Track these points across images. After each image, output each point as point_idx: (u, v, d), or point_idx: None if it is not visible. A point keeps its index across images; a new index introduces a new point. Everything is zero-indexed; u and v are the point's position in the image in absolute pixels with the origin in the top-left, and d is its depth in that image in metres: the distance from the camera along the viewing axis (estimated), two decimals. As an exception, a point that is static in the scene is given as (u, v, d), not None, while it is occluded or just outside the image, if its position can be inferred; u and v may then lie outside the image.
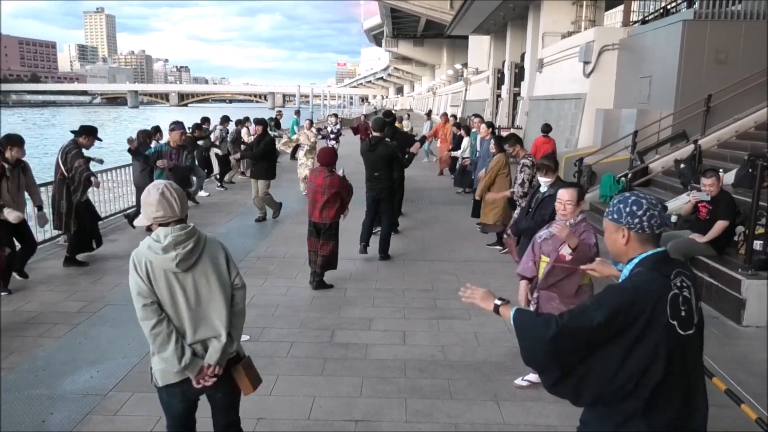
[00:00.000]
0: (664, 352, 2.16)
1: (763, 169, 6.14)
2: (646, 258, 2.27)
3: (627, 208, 2.28)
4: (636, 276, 2.25)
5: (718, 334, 5.79)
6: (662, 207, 4.43)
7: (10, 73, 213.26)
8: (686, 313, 2.20)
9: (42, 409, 4.17)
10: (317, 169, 6.98)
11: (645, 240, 2.28)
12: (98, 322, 5.84)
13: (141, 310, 2.83)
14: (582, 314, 2.22)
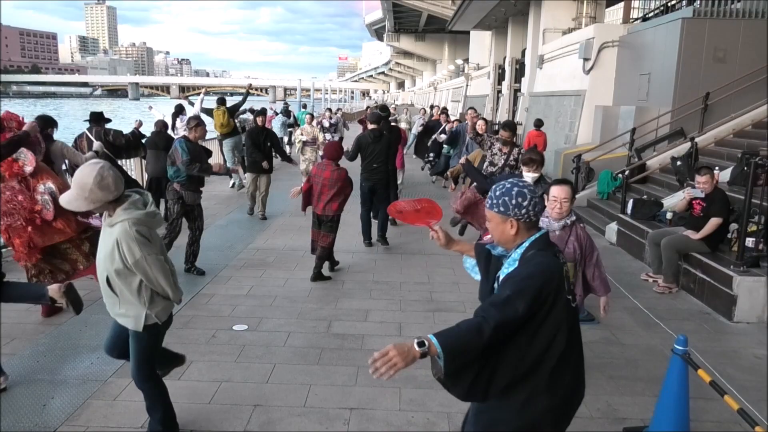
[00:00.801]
0: (565, 326, 2.27)
1: (756, 167, 6.22)
2: (536, 240, 2.36)
3: (513, 200, 2.34)
4: (535, 258, 2.32)
5: (709, 329, 5.88)
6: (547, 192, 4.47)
7: (10, 64, 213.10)
8: (569, 289, 2.34)
9: (43, 394, 4.27)
10: (324, 163, 7.09)
11: (531, 226, 2.38)
12: (99, 309, 5.89)
13: (163, 265, 3.35)
14: (506, 305, 2.18)
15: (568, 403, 2.43)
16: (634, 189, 10.37)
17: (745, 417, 3.07)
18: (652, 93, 13.25)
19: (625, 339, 5.56)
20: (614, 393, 4.51)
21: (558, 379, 2.31)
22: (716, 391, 3.32)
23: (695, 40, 12.16)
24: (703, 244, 6.71)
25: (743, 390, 4.48)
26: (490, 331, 2.11)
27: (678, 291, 6.97)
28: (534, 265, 2.29)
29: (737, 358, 5.23)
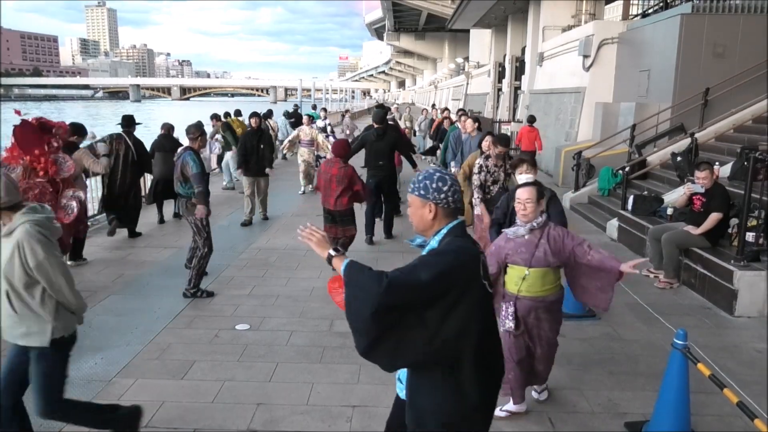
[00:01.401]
0: (480, 312, 2.30)
1: (755, 161, 6.23)
2: (453, 228, 2.39)
3: (433, 184, 2.36)
4: (452, 243, 2.35)
5: (710, 324, 5.90)
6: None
7: (12, 67, 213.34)
8: (484, 274, 2.37)
9: (48, 395, 4.28)
10: (332, 160, 7.33)
11: (450, 213, 2.40)
12: (102, 311, 5.96)
13: (65, 269, 3.24)
14: (410, 273, 2.23)
15: (491, 398, 2.46)
16: (635, 185, 10.38)
17: (745, 410, 3.10)
18: (652, 89, 13.25)
19: (625, 334, 5.58)
20: (615, 388, 4.53)
21: (484, 367, 2.34)
22: (716, 384, 3.34)
23: (694, 36, 12.16)
24: (704, 239, 6.72)
25: (744, 384, 4.50)
26: (385, 284, 2.16)
27: (679, 286, 6.98)
28: (450, 247, 2.33)
29: (738, 352, 5.25)
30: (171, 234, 9.22)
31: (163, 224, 9.88)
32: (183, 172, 6.26)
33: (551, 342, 4.14)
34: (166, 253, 8.09)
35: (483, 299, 2.33)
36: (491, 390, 2.44)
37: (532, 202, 3.86)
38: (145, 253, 8.10)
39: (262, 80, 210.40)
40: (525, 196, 3.88)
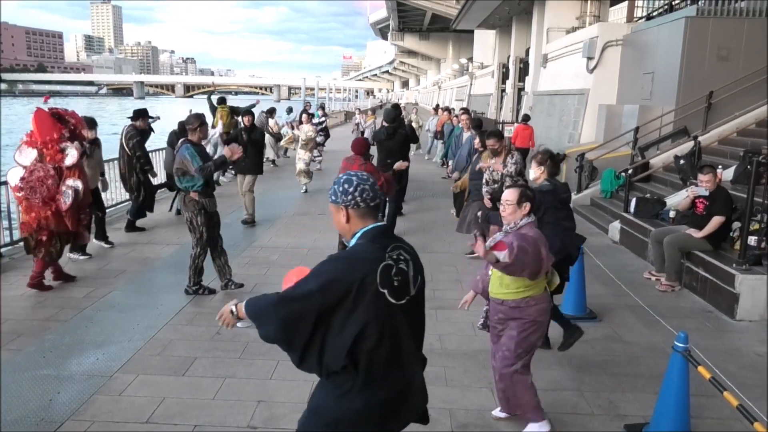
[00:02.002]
0: (376, 321, 2.27)
1: (758, 165, 6.22)
2: (366, 231, 2.39)
3: (340, 188, 2.39)
4: (352, 247, 2.40)
5: (711, 327, 5.90)
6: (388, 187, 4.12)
7: (16, 62, 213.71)
8: (399, 284, 2.34)
9: (49, 389, 4.31)
10: (352, 158, 7.48)
11: (363, 215, 2.40)
12: (104, 307, 5.97)
13: None
14: (300, 284, 2.32)
15: (390, 406, 2.40)
16: (638, 188, 10.37)
17: (745, 413, 3.10)
18: (656, 92, 13.24)
19: (626, 336, 5.58)
20: (615, 390, 4.53)
21: (375, 380, 2.33)
22: (716, 387, 3.34)
23: (699, 39, 12.15)
24: (706, 242, 6.72)
25: (744, 387, 4.48)
26: (277, 298, 2.33)
27: (680, 289, 6.98)
28: (345, 252, 2.40)
29: (739, 355, 5.24)
30: (174, 231, 9.23)
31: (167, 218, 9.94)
32: (183, 168, 6.04)
33: (504, 358, 3.83)
34: (169, 250, 8.11)
35: (379, 308, 2.28)
36: (381, 399, 2.37)
37: (512, 204, 3.73)
38: (148, 249, 8.12)
39: (265, 79, 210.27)
40: (505, 197, 3.81)
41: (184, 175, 6.05)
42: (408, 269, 2.40)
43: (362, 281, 2.25)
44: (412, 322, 2.46)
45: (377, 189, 2.43)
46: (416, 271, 2.45)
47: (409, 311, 2.41)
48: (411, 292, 2.41)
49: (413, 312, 2.46)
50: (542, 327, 3.87)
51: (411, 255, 2.46)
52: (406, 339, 2.42)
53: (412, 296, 2.41)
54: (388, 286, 2.30)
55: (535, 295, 3.77)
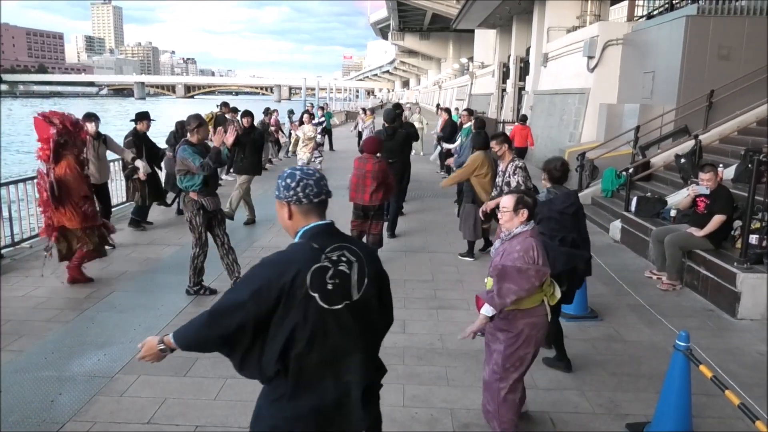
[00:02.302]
0: (304, 326, 2.15)
1: (759, 164, 6.22)
2: (307, 230, 2.29)
3: (283, 182, 2.29)
4: (287, 248, 2.28)
5: (713, 326, 5.90)
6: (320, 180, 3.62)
7: (17, 63, 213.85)
8: (335, 287, 2.19)
9: (51, 390, 4.31)
10: (365, 156, 7.44)
11: (307, 212, 2.29)
12: (105, 307, 5.98)
13: None
14: (232, 292, 2.27)
15: (322, 416, 2.25)
16: (638, 187, 10.36)
17: (746, 412, 3.10)
18: (657, 91, 13.23)
19: (628, 336, 5.58)
20: (617, 389, 4.53)
21: (304, 388, 2.22)
22: (717, 386, 3.34)
23: (699, 38, 12.14)
24: (707, 241, 6.72)
25: (746, 386, 4.50)
26: (207, 317, 2.24)
27: (682, 288, 6.97)
28: (276, 254, 2.27)
29: (740, 354, 5.24)
30: (175, 231, 9.24)
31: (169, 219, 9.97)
32: (185, 168, 6.03)
33: (493, 372, 3.70)
34: (170, 251, 8.11)
35: (309, 313, 2.16)
36: (311, 407, 2.23)
37: (508, 211, 3.64)
38: (149, 250, 8.12)
39: (266, 79, 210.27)
40: (502, 203, 3.71)
41: (185, 174, 6.07)
42: (351, 272, 2.25)
43: (292, 283, 2.13)
44: (358, 329, 2.26)
45: (323, 184, 2.31)
46: (363, 274, 2.28)
47: (352, 317, 2.24)
48: (353, 296, 2.24)
49: (359, 318, 2.26)
50: (532, 342, 3.62)
51: (358, 256, 2.29)
52: (344, 346, 2.24)
53: (354, 301, 2.24)
54: (320, 289, 2.16)
55: (525, 308, 3.58)
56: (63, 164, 6.39)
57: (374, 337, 2.44)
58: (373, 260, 2.39)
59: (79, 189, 6.50)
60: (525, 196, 3.68)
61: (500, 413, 3.65)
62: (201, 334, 2.27)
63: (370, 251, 2.45)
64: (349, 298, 2.23)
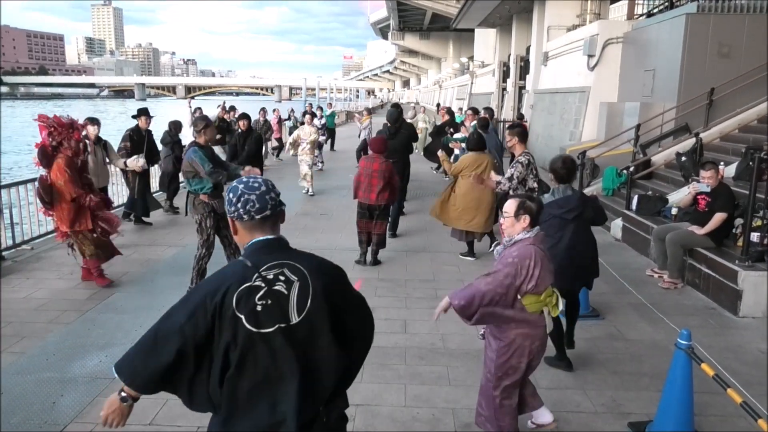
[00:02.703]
0: (236, 348, 2.01)
1: (760, 161, 6.21)
2: (247, 247, 2.17)
3: (227, 197, 2.17)
4: (224, 267, 2.20)
5: (714, 324, 5.89)
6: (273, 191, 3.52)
7: (18, 65, 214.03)
8: (266, 309, 2.02)
9: (52, 392, 4.32)
10: (372, 156, 7.59)
11: (251, 228, 2.16)
12: (106, 309, 5.98)
13: None
14: (169, 316, 2.14)
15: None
16: (639, 185, 10.36)
17: (748, 410, 3.09)
18: (657, 89, 13.22)
19: (629, 334, 5.57)
20: (619, 388, 4.53)
21: (237, 415, 2.08)
22: (719, 384, 3.33)
23: (700, 36, 12.13)
24: (708, 239, 6.71)
25: (748, 384, 4.49)
26: (151, 345, 2.11)
27: (683, 286, 6.97)
28: (215, 273, 2.18)
29: (742, 352, 5.24)
30: (176, 232, 9.24)
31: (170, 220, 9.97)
32: (193, 171, 6.04)
33: (487, 380, 3.60)
34: (171, 252, 8.12)
35: (236, 335, 2.01)
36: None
37: (509, 216, 3.49)
38: (150, 251, 8.12)
39: (266, 79, 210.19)
40: (504, 207, 3.56)
41: (194, 177, 6.07)
42: (290, 292, 2.06)
43: (222, 303, 2.01)
44: (295, 355, 2.05)
45: (270, 198, 2.14)
46: (305, 295, 2.07)
47: (287, 342, 2.04)
48: (290, 319, 2.04)
49: (297, 343, 2.05)
50: (525, 353, 3.45)
51: (301, 275, 2.09)
52: (277, 373, 2.04)
53: (291, 325, 2.04)
54: (247, 310, 2.00)
55: (519, 318, 3.43)
56: (54, 168, 6.35)
57: (324, 364, 2.12)
58: (322, 277, 2.15)
59: (70, 190, 6.44)
60: (528, 201, 3.51)
61: (498, 418, 3.57)
62: (149, 361, 2.10)
63: (321, 268, 2.20)
64: (284, 321, 2.04)
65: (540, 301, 3.45)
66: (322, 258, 2.28)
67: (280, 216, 2.22)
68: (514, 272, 3.35)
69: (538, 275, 3.36)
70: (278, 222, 2.23)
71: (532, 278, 3.35)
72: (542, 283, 3.40)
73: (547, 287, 3.48)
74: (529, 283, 3.36)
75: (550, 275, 3.47)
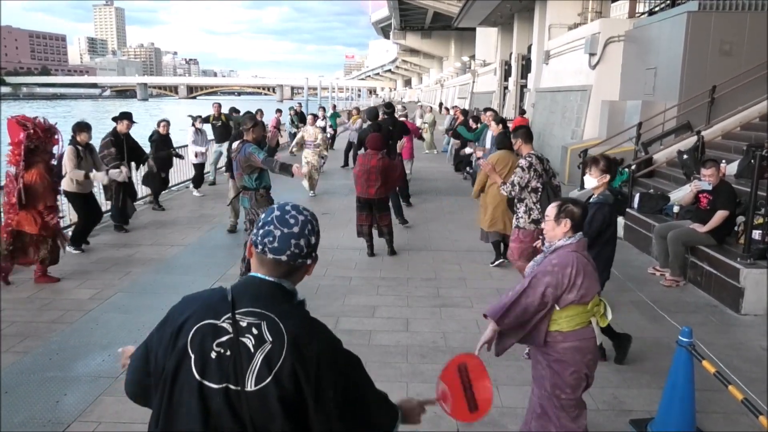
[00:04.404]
0: (171, 387, 1.68)
1: (762, 159, 6.21)
2: (244, 278, 1.84)
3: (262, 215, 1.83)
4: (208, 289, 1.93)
5: (716, 322, 5.90)
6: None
7: (20, 66, 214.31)
8: (220, 359, 1.64)
9: (56, 391, 4.33)
10: (369, 153, 7.80)
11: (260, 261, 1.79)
12: (109, 308, 6.00)
13: None
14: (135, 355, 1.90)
15: None
16: (641, 183, 10.36)
17: (750, 407, 3.10)
18: (659, 87, 13.20)
19: (631, 332, 5.52)
20: (620, 385, 4.54)
21: None
22: (721, 382, 3.34)
23: (701, 34, 12.11)
24: (710, 237, 6.71)
25: (750, 381, 4.49)
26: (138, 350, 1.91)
27: (685, 284, 6.97)
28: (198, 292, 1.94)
29: (744, 350, 5.24)
30: (178, 232, 9.26)
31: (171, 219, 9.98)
32: (248, 165, 6.33)
33: (540, 400, 3.35)
34: (173, 251, 8.13)
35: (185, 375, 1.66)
36: None
37: (550, 219, 3.31)
38: (152, 250, 8.14)
39: (268, 79, 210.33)
40: (547, 211, 3.37)
41: (253, 172, 6.38)
42: (256, 352, 1.63)
43: (180, 328, 1.72)
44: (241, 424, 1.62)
45: (295, 245, 1.75)
46: (271, 365, 1.61)
47: (228, 408, 1.62)
48: (245, 384, 1.61)
49: (239, 416, 1.62)
50: (582, 367, 3.22)
51: (280, 340, 1.63)
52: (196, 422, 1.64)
53: (243, 391, 1.61)
54: (199, 351, 1.66)
55: (566, 330, 3.20)
56: (33, 171, 6.44)
57: None
58: (300, 353, 1.64)
59: (46, 197, 6.56)
60: (570, 205, 3.30)
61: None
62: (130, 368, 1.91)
63: (304, 338, 1.68)
64: (236, 382, 1.62)
65: (587, 311, 3.25)
66: (333, 339, 1.80)
67: (298, 270, 1.83)
68: (555, 282, 3.14)
69: (581, 284, 3.15)
70: (293, 275, 1.83)
71: (574, 287, 3.14)
72: (588, 293, 3.19)
73: (594, 296, 3.27)
74: (570, 293, 3.14)
75: (595, 284, 3.26)
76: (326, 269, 7.25)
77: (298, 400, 1.64)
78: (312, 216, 1.84)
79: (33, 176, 6.42)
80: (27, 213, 6.47)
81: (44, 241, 6.65)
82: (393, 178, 7.99)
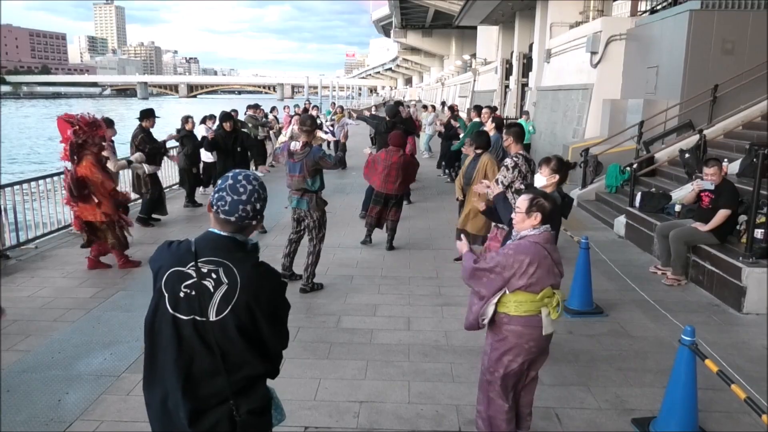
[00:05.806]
0: (153, 316, 2.19)
1: (764, 158, 6.20)
2: (205, 233, 2.25)
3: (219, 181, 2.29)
4: (180, 240, 2.31)
5: (718, 321, 5.89)
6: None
7: (21, 64, 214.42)
8: (187, 297, 2.13)
9: (58, 389, 4.33)
10: (391, 150, 8.06)
11: (215, 219, 2.21)
12: (111, 307, 6.00)
13: None
14: None
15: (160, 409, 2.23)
16: (643, 182, 10.35)
17: (753, 406, 3.10)
18: (660, 86, 13.20)
19: (633, 331, 5.57)
20: (623, 384, 4.53)
21: (152, 380, 2.25)
22: (723, 380, 3.34)
23: (703, 32, 12.10)
24: (712, 235, 6.70)
25: (752, 380, 4.48)
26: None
27: (687, 283, 6.96)
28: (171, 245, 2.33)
29: (746, 348, 5.24)
30: (181, 230, 9.26)
31: (171, 218, 9.99)
32: (316, 167, 6.31)
33: (481, 373, 3.62)
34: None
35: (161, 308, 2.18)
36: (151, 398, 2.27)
37: (520, 212, 3.40)
38: (154, 249, 8.11)
39: (269, 77, 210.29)
40: (517, 203, 3.49)
41: (315, 174, 6.38)
42: (215, 291, 2.11)
43: (156, 273, 2.21)
44: (198, 347, 2.14)
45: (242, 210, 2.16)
46: (228, 301, 2.10)
47: (197, 334, 2.13)
48: (209, 315, 2.10)
49: (206, 339, 2.12)
50: (521, 352, 3.38)
51: (233, 282, 2.12)
52: (173, 356, 2.15)
53: (207, 321, 2.11)
54: (171, 291, 2.14)
55: (512, 314, 3.34)
56: (84, 164, 6.86)
57: (230, 361, 2.15)
58: (252, 292, 2.14)
59: (102, 186, 6.96)
60: (541, 199, 3.40)
61: (491, 416, 3.55)
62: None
63: (257, 284, 2.16)
64: (201, 314, 2.12)
65: (536, 300, 3.31)
66: (267, 267, 2.24)
67: (246, 228, 2.23)
68: (504, 263, 3.29)
69: (533, 273, 3.25)
70: (243, 231, 2.24)
71: (525, 275, 3.24)
72: (538, 283, 3.27)
73: (546, 288, 3.32)
74: (520, 280, 3.26)
75: (550, 277, 3.32)
76: (328, 268, 7.25)
77: (253, 328, 2.14)
78: (260, 186, 2.24)
79: (85, 169, 6.84)
80: (85, 203, 6.91)
81: (110, 227, 7.10)
82: (411, 175, 8.34)
